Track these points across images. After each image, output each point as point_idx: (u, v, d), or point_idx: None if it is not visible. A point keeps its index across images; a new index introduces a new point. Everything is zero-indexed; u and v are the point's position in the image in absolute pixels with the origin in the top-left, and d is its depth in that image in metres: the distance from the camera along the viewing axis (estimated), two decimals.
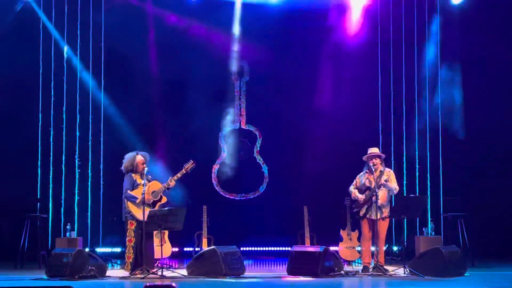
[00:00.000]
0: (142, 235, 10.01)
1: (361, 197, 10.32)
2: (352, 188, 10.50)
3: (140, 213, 10.01)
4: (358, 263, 11.79)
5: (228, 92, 13.78)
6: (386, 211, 10.28)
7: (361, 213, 10.38)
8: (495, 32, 13.43)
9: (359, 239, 11.92)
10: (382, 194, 10.22)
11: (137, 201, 10.07)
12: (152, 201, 10.08)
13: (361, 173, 10.51)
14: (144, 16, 13.61)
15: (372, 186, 10.20)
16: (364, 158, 10.45)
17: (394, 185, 10.32)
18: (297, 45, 13.76)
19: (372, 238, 10.36)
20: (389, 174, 10.38)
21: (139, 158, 10.30)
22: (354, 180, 10.54)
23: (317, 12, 13.69)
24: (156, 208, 9.98)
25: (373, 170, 10.32)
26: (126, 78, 13.55)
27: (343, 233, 11.98)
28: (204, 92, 13.57)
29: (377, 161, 10.36)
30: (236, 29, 13.64)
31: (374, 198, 10.15)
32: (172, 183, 10.16)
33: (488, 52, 13.35)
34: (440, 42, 13.43)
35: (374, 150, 10.49)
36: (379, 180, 10.24)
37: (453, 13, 13.46)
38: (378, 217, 10.17)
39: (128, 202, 10.12)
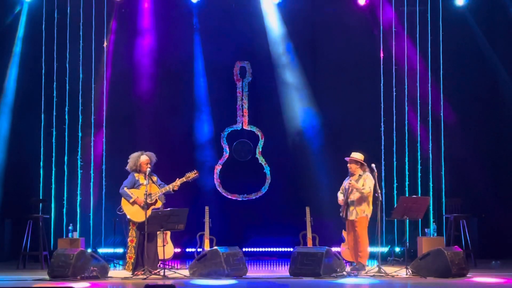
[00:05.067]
0: (144, 235, 10.04)
1: (340, 199, 10.52)
2: (338, 192, 10.68)
3: (130, 211, 10.15)
4: None
5: (231, 93, 13.77)
6: (361, 211, 10.34)
7: (343, 215, 10.52)
8: (496, 32, 13.48)
9: None
10: (354, 196, 10.34)
11: (131, 200, 10.13)
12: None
13: (347, 177, 10.61)
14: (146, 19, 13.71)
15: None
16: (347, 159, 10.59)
17: (360, 186, 10.34)
18: (299, 44, 13.78)
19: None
20: (365, 178, 10.42)
21: (143, 158, 10.35)
22: (342, 184, 10.67)
23: (318, 13, 13.76)
24: (149, 211, 9.99)
25: (351, 174, 10.48)
26: (128, 79, 13.59)
27: (345, 234, 11.96)
28: (206, 92, 13.61)
29: (352, 165, 10.46)
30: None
31: (348, 200, 10.36)
32: (165, 189, 10.24)
33: (490, 52, 13.40)
34: (442, 41, 13.42)
35: (353, 155, 10.56)
36: (351, 184, 10.40)
37: (456, 14, 13.45)
38: (353, 217, 10.34)
39: (123, 199, 10.22)
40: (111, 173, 13.03)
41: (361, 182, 10.39)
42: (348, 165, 10.53)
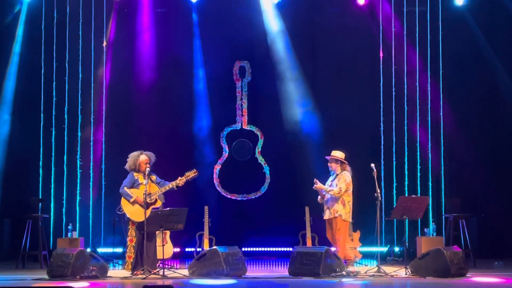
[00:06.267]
0: (143, 235, 10.04)
1: (318, 199, 10.59)
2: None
3: (130, 211, 10.14)
4: (360, 263, 11.80)
5: (230, 93, 13.78)
6: (334, 211, 10.35)
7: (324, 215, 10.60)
8: (497, 32, 13.50)
9: (360, 239, 11.96)
10: (327, 196, 10.41)
11: (131, 200, 10.12)
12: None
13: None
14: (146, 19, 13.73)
15: None
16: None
17: (329, 188, 10.38)
18: (299, 45, 13.78)
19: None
20: (340, 178, 10.43)
21: (143, 157, 10.35)
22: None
23: (318, 13, 13.78)
24: (149, 210, 9.98)
25: (332, 173, 10.54)
26: (128, 78, 13.61)
27: None
28: (205, 92, 13.61)
29: (333, 164, 10.49)
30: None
31: (324, 200, 10.45)
32: (168, 187, 10.24)
33: (489, 52, 13.41)
34: (442, 42, 13.42)
35: (333, 154, 10.59)
36: (330, 184, 10.44)
37: (455, 14, 13.45)
38: (326, 217, 10.41)
39: (122, 198, 10.21)
40: (110, 172, 13.03)
41: (336, 181, 10.40)
42: (329, 164, 10.56)
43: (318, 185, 10.44)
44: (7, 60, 13.23)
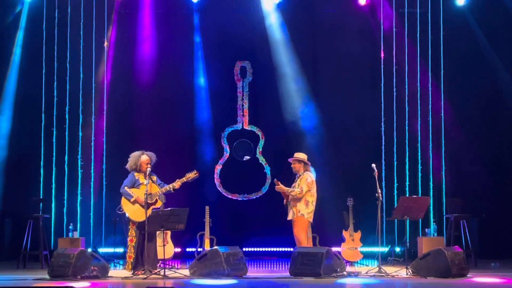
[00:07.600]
0: (144, 235, 10.05)
1: (284, 202, 10.61)
2: None
3: (130, 211, 10.13)
4: (360, 263, 11.80)
5: (231, 93, 13.78)
6: (297, 211, 10.39)
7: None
8: (498, 32, 13.49)
9: (361, 239, 11.96)
10: (290, 197, 10.44)
11: (132, 199, 10.12)
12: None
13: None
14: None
15: None
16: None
17: (291, 189, 10.42)
18: (300, 44, 13.78)
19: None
20: (301, 178, 10.46)
21: (144, 157, 10.35)
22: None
23: (319, 13, 13.79)
24: (149, 211, 9.98)
25: (294, 173, 10.57)
26: (129, 79, 13.62)
27: (345, 234, 11.99)
28: (206, 92, 13.62)
29: (296, 165, 10.53)
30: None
31: (287, 202, 10.49)
32: (166, 189, 10.23)
33: (490, 52, 13.40)
34: (443, 42, 13.42)
35: (295, 155, 10.62)
36: (294, 184, 10.46)
37: (456, 14, 13.45)
38: (290, 218, 10.47)
39: (123, 198, 10.21)
40: (111, 172, 13.04)
41: (297, 182, 10.43)
42: (292, 165, 10.58)
43: (279, 186, 10.47)
44: (8, 60, 13.25)
